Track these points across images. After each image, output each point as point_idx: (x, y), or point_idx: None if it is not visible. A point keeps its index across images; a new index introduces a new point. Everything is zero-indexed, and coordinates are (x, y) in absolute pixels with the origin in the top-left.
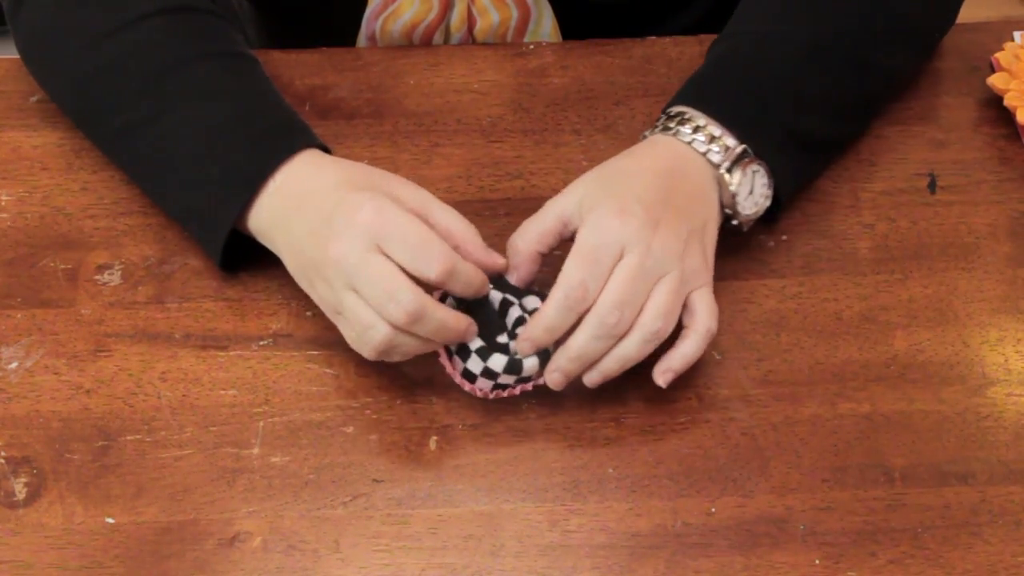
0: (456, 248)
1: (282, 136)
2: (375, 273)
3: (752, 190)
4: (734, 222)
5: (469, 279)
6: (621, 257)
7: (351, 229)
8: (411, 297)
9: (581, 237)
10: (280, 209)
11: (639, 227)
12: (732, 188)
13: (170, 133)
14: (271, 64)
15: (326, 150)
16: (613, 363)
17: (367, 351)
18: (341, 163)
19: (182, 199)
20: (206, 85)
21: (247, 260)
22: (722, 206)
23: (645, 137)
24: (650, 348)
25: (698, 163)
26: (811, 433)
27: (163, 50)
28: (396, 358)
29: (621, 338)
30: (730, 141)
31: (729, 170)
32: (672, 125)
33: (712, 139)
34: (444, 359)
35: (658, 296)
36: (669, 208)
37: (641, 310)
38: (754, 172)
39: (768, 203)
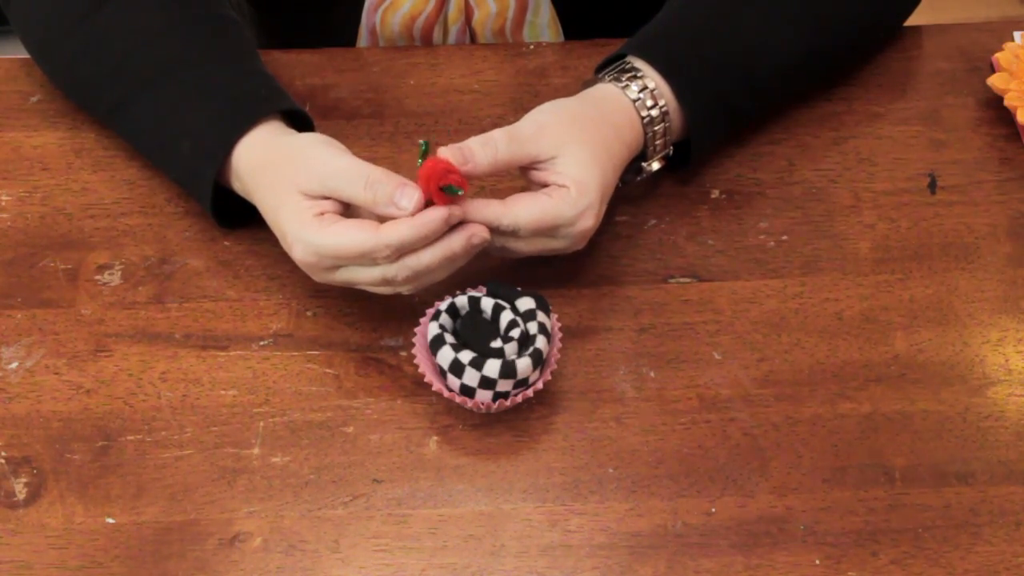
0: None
1: (239, 109)
2: (349, 280)
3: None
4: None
5: (405, 234)
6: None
7: (300, 262)
8: (396, 275)
9: (568, 174)
10: (244, 181)
11: (599, 191)
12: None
13: (144, 112)
14: (271, 65)
15: (297, 112)
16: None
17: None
18: (273, 156)
19: (171, 172)
20: (169, 61)
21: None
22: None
23: (598, 79)
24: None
25: (638, 126)
26: (811, 433)
27: (133, 26)
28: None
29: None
30: (664, 102)
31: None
32: (624, 80)
33: (653, 98)
34: (439, 385)
35: (543, 243)
36: (613, 178)
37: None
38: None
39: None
